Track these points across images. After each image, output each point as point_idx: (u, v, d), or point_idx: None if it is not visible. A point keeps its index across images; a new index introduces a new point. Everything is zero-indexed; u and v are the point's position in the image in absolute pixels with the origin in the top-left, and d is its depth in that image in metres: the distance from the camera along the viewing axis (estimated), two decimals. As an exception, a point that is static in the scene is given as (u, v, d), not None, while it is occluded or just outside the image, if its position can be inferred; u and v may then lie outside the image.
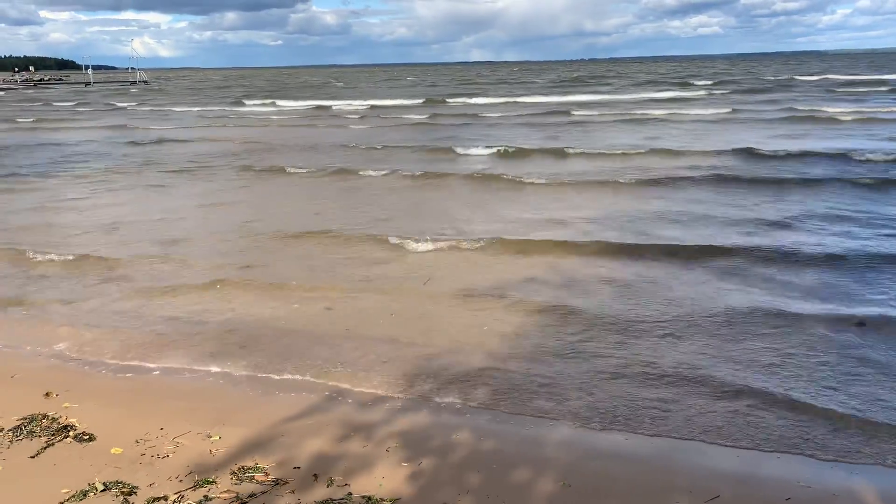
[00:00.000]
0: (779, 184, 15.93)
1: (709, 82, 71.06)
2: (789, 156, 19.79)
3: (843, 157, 19.25)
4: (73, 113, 51.10)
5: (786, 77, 79.63)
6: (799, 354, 6.95)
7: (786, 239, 11.14)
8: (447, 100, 54.13)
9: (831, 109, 33.74)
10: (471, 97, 56.14)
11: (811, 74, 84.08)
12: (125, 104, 60.83)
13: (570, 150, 22.11)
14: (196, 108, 52.44)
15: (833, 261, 9.92)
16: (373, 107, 49.06)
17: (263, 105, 55.60)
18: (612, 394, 6.25)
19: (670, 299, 8.59)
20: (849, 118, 30.19)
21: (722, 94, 53.21)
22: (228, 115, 45.21)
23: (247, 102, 58.57)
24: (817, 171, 17.51)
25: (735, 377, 6.47)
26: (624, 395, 6.21)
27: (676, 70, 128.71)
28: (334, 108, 49.71)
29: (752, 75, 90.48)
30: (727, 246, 10.60)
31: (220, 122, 39.38)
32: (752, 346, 7.15)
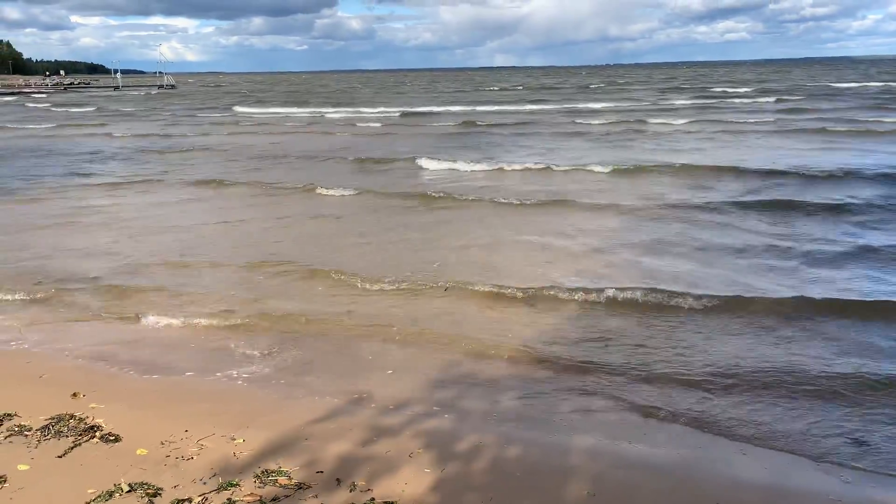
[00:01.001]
0: (830, 211, 13.97)
1: (747, 89, 68.52)
2: (834, 176, 17.83)
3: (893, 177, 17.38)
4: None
5: (822, 83, 77.00)
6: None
7: (844, 286, 9.47)
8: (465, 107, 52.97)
9: (880, 120, 31.96)
10: (486, 105, 54.87)
11: (849, 81, 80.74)
12: (134, 109, 61.08)
13: (583, 166, 20.31)
14: (213, 114, 52.11)
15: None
16: (404, 114, 48.02)
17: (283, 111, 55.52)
18: (641, 403, 6.19)
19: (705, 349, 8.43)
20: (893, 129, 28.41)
21: (765, 101, 50.70)
22: (239, 122, 44.29)
23: (259, 109, 58.12)
24: (867, 193, 15.61)
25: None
26: (652, 407, 6.15)
27: (708, 76, 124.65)
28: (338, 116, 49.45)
29: (788, 82, 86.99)
30: (767, 297, 8.82)
31: (225, 130, 38.11)
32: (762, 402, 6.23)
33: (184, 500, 4.54)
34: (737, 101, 53.38)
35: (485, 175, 20.16)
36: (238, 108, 57.97)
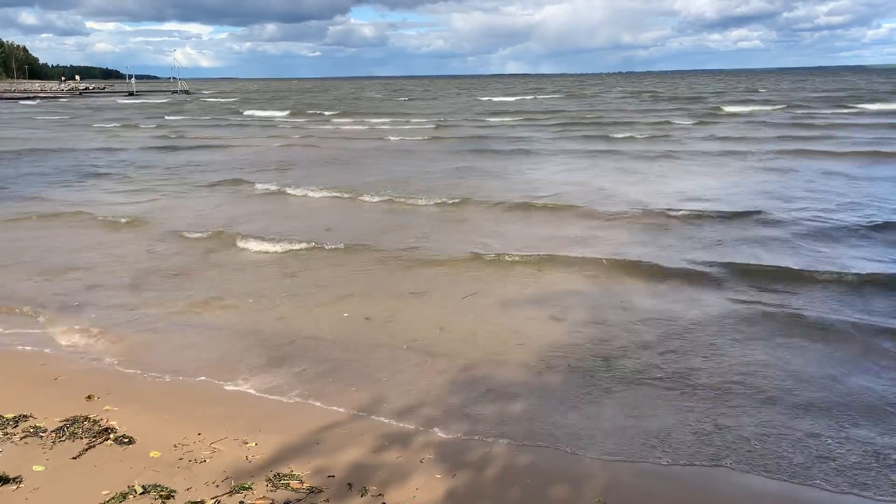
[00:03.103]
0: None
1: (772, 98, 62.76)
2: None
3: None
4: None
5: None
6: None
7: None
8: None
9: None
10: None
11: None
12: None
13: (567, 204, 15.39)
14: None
15: None
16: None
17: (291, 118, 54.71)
18: (653, 412, 6.18)
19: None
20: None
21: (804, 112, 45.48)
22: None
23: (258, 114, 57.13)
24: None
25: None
26: (664, 414, 6.13)
27: (734, 84, 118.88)
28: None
29: (835, 91, 77.19)
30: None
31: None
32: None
33: (196, 503, 4.57)
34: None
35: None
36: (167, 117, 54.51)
